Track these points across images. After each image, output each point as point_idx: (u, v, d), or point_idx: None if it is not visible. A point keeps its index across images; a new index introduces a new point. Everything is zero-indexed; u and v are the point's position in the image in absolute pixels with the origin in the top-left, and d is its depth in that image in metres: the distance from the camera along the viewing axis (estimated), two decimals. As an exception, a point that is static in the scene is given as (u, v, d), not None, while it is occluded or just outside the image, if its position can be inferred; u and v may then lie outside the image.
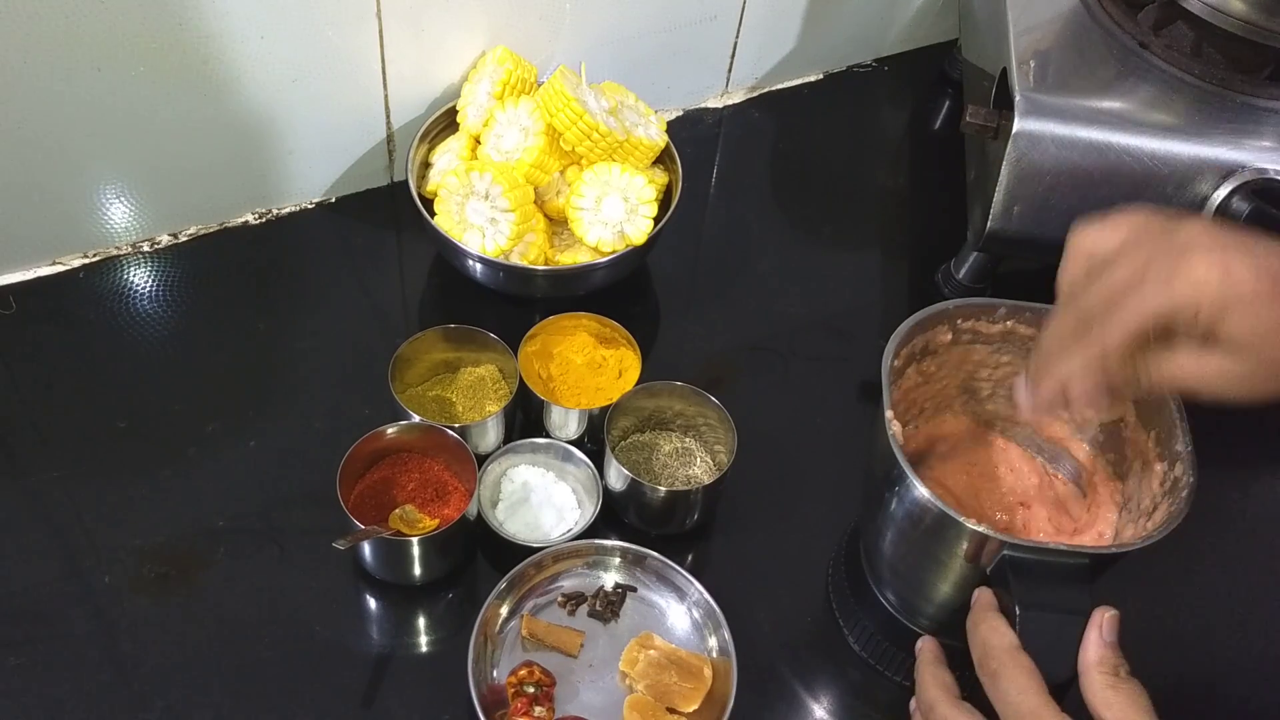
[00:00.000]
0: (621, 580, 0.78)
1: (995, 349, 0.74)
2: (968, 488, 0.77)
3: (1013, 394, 0.63)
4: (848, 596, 0.79)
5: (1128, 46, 0.87)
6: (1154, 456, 0.69)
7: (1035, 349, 0.61)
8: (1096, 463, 0.76)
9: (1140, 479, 0.70)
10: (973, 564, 0.63)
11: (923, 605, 0.71)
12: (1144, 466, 0.70)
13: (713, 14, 1.08)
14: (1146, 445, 0.70)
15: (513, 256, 0.89)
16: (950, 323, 0.72)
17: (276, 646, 0.74)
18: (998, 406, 0.78)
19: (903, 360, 0.71)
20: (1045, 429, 0.77)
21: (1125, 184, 0.81)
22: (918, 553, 0.68)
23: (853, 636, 0.78)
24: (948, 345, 0.73)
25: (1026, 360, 0.65)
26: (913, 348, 0.72)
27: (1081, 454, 0.76)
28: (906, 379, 0.73)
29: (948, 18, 1.23)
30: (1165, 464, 0.67)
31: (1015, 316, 0.72)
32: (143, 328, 0.90)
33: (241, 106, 0.89)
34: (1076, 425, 0.76)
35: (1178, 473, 0.65)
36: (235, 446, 0.84)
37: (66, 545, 0.78)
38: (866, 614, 0.77)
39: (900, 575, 0.72)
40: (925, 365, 0.74)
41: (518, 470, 0.83)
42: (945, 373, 0.76)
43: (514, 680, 0.72)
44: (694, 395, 0.83)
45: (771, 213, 1.08)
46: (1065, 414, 0.71)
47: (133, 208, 0.92)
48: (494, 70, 0.94)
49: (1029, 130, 0.80)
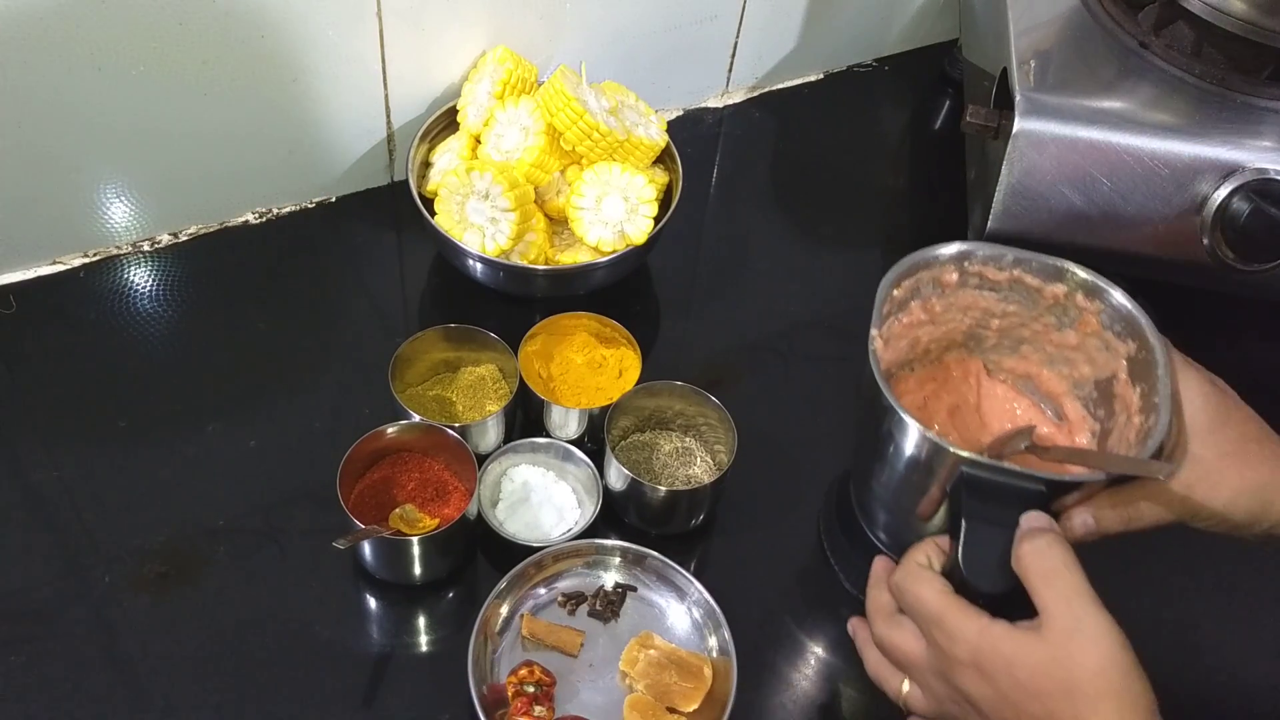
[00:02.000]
0: (621, 580, 0.78)
1: (1002, 296, 0.75)
2: (961, 429, 0.78)
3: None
4: (840, 539, 0.80)
5: (1128, 46, 0.87)
6: (1136, 409, 0.69)
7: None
8: (1085, 420, 0.77)
9: (1122, 432, 0.71)
10: (935, 482, 0.64)
11: (912, 539, 0.72)
12: (1127, 420, 0.71)
13: (713, 14, 1.08)
14: (1133, 399, 0.70)
15: (513, 256, 0.89)
16: (958, 264, 0.73)
17: (276, 646, 0.74)
18: (1001, 355, 0.79)
19: (905, 291, 0.72)
20: (1044, 383, 0.78)
21: (1125, 184, 0.81)
22: (900, 480, 0.69)
23: (847, 580, 0.80)
24: (955, 286, 0.74)
25: (1033, 312, 0.71)
26: (918, 281, 0.73)
27: (1073, 411, 0.77)
28: (910, 313, 0.74)
29: (948, 18, 1.23)
30: (1143, 416, 0.68)
31: (1022, 266, 0.73)
32: (143, 327, 0.90)
33: (241, 106, 0.89)
34: (1074, 382, 0.77)
35: (1151, 423, 0.66)
36: (235, 446, 0.84)
37: (66, 545, 0.78)
38: (860, 556, 0.77)
39: (889, 509, 0.74)
40: (931, 303, 0.75)
41: (518, 470, 0.83)
42: (952, 316, 0.76)
43: (514, 680, 0.72)
44: (694, 395, 0.83)
45: (771, 212, 1.08)
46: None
47: (133, 207, 0.92)
48: (494, 70, 0.94)
49: (1029, 130, 0.80)
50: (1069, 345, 0.75)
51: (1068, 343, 0.75)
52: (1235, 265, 0.82)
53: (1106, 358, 0.73)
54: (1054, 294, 0.73)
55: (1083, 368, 0.75)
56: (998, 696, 0.56)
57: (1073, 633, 0.55)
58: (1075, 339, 0.74)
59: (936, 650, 0.60)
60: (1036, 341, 0.77)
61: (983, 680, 0.57)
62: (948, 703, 0.60)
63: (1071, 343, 0.75)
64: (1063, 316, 0.74)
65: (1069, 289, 0.73)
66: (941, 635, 0.59)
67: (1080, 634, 0.54)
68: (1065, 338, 0.75)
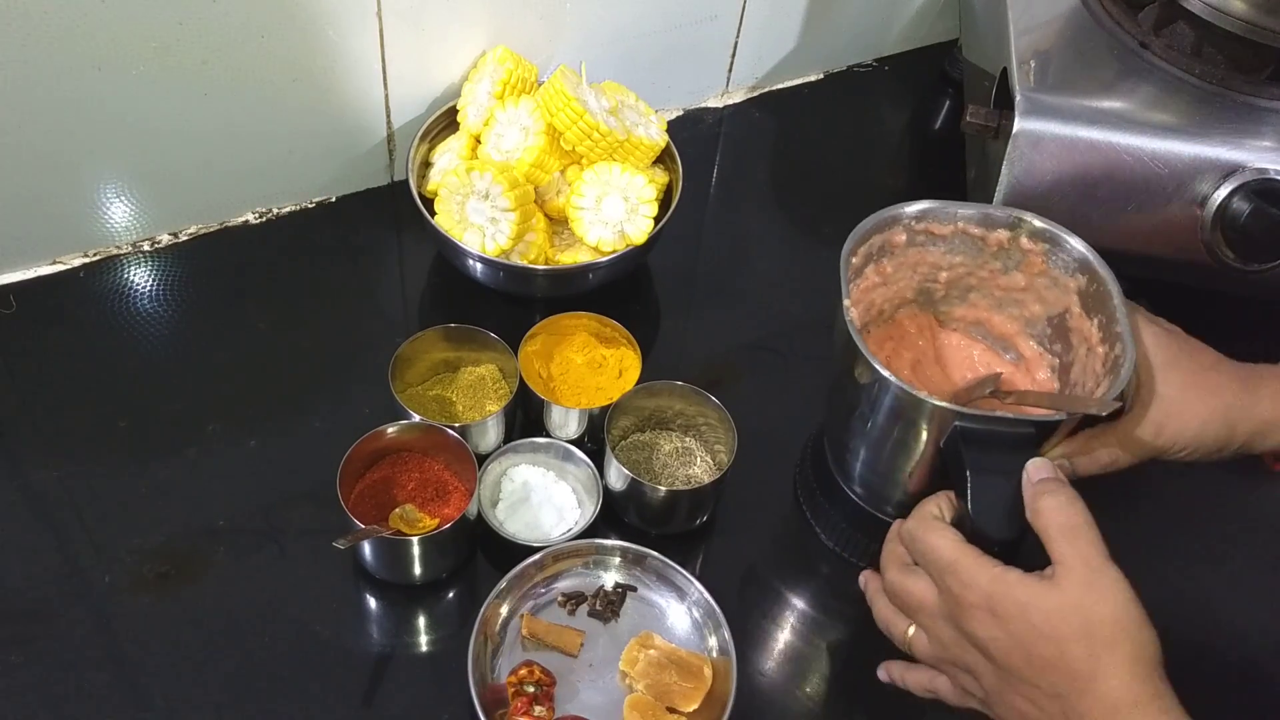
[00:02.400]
0: (621, 580, 0.78)
1: (948, 249, 0.77)
2: (925, 382, 0.80)
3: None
4: (816, 497, 0.82)
5: (1128, 46, 0.87)
6: (1097, 341, 0.72)
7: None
8: (1043, 357, 0.79)
9: (1085, 364, 0.74)
10: (928, 440, 0.67)
11: (890, 491, 0.75)
12: (1089, 352, 0.74)
13: (713, 14, 1.08)
14: (1091, 332, 0.73)
15: (513, 256, 0.89)
16: (905, 225, 0.76)
17: (276, 646, 0.74)
18: (951, 306, 0.81)
19: (860, 259, 0.75)
20: (996, 327, 0.81)
21: (1125, 184, 0.81)
22: (882, 438, 0.71)
23: (824, 533, 0.82)
24: (903, 246, 0.77)
25: (979, 260, 0.76)
26: (870, 247, 0.75)
27: (1029, 350, 0.80)
28: (865, 279, 0.77)
29: (948, 18, 1.23)
30: (1107, 346, 0.71)
31: (966, 218, 0.76)
32: (143, 327, 0.90)
33: (241, 106, 0.89)
34: (1025, 321, 0.79)
35: (1117, 352, 0.69)
36: (236, 446, 0.84)
37: (67, 545, 0.78)
38: (837, 511, 0.81)
39: (867, 465, 0.76)
40: (883, 266, 0.77)
41: (518, 470, 0.83)
42: (901, 275, 0.79)
43: (514, 680, 0.72)
44: (694, 395, 0.83)
45: (771, 213, 1.08)
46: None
47: (133, 207, 0.92)
48: (494, 70, 0.94)
49: (1029, 130, 0.80)
50: (1017, 287, 0.78)
51: (1015, 285, 0.78)
52: (1235, 265, 0.82)
53: (1056, 294, 0.76)
54: (997, 240, 0.76)
55: (1033, 307, 0.78)
56: (1009, 639, 0.58)
57: (1090, 583, 0.57)
58: (1023, 280, 0.77)
59: (948, 596, 0.61)
60: (984, 288, 0.79)
61: (995, 623, 0.58)
62: (953, 647, 0.62)
63: (1020, 284, 0.77)
64: (1007, 260, 0.77)
65: (1012, 233, 0.76)
66: (955, 581, 0.60)
67: (1097, 585, 0.57)
68: (1013, 280, 0.78)
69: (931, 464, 0.69)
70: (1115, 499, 0.66)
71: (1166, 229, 0.83)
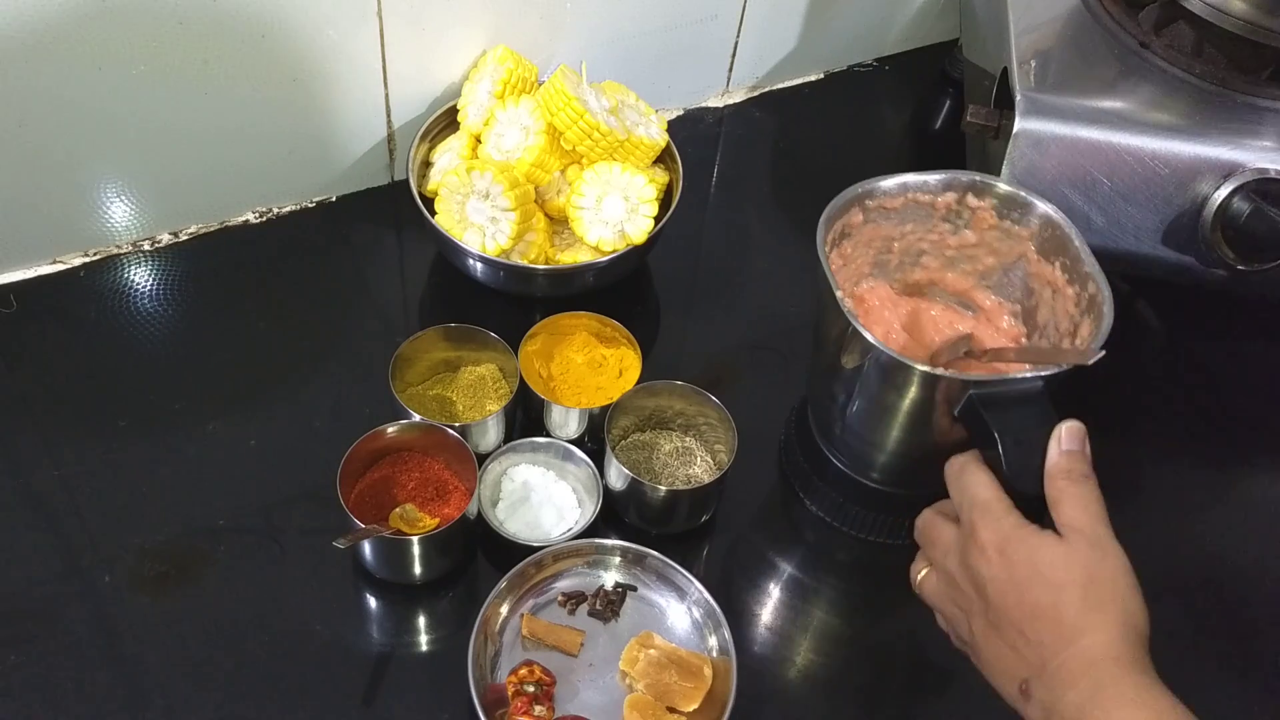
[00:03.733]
0: (621, 579, 0.78)
1: (898, 220, 0.80)
2: (900, 350, 0.81)
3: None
4: (801, 465, 0.85)
5: (1128, 46, 0.87)
6: (1063, 283, 0.75)
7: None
8: (1002, 306, 0.82)
9: (1052, 305, 0.76)
10: (944, 409, 0.69)
11: (876, 456, 0.78)
12: (1055, 294, 0.76)
13: (713, 13, 1.08)
14: (1054, 275, 0.76)
15: (513, 255, 0.89)
16: (860, 204, 0.78)
17: (276, 646, 0.74)
18: (905, 273, 0.83)
19: (830, 246, 0.76)
20: (950, 284, 0.83)
21: (1125, 184, 0.81)
22: (875, 409, 0.74)
23: (810, 501, 0.84)
24: (860, 225, 0.79)
25: (928, 225, 0.79)
26: (834, 233, 0.77)
27: (986, 301, 0.82)
28: (830, 262, 0.77)
29: (948, 17, 1.23)
30: (1076, 287, 0.73)
31: (914, 189, 0.78)
32: (143, 326, 0.90)
33: (242, 106, 0.89)
34: (979, 275, 0.82)
35: (1091, 290, 0.71)
36: (236, 445, 0.84)
37: (67, 544, 0.78)
38: (820, 478, 0.83)
39: (857, 434, 0.78)
40: (843, 248, 0.79)
41: (518, 469, 0.83)
42: (858, 253, 0.81)
43: (514, 679, 0.72)
44: (694, 395, 0.83)
45: (771, 213, 1.08)
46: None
47: (133, 206, 0.92)
48: (495, 69, 0.94)
49: (1030, 130, 0.80)
50: (969, 244, 0.81)
51: (967, 242, 0.80)
52: (1235, 265, 0.82)
53: (1009, 244, 0.78)
54: (945, 204, 0.78)
55: (986, 259, 0.80)
56: (1008, 581, 0.60)
57: (1095, 545, 0.59)
58: (974, 237, 0.79)
59: (966, 533, 0.63)
60: (935, 250, 0.81)
61: (1001, 563, 0.60)
62: (954, 586, 0.64)
63: (971, 241, 0.80)
64: (957, 220, 0.79)
65: (958, 194, 0.78)
66: (980, 518, 0.62)
67: (1102, 547, 0.59)
68: (964, 238, 0.80)
69: (918, 428, 0.72)
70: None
71: (1166, 229, 0.83)
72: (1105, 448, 0.61)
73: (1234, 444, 0.94)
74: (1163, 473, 0.92)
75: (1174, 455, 0.93)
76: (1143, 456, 0.92)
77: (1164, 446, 0.94)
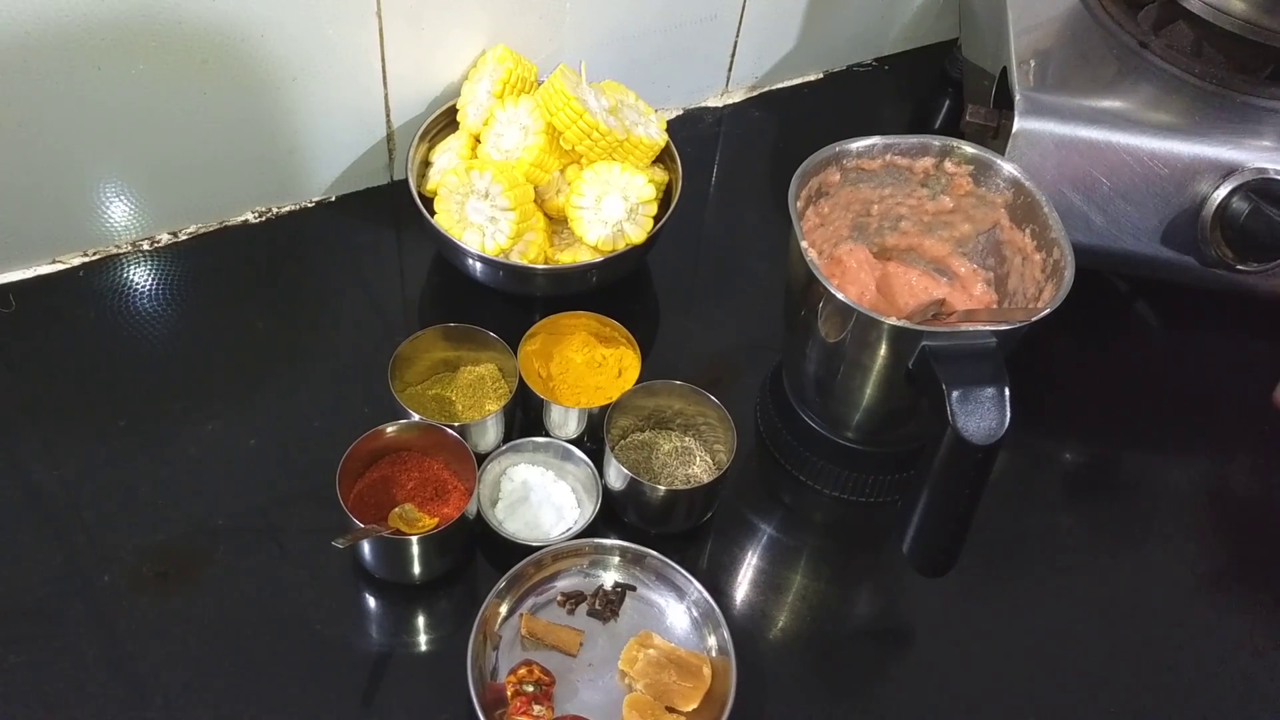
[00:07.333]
0: (621, 579, 0.78)
1: (877, 184, 0.81)
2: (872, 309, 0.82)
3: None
4: (776, 425, 0.86)
5: (1128, 46, 0.87)
6: (1033, 249, 0.77)
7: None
8: (977, 273, 0.83)
9: (1022, 272, 0.78)
10: (896, 361, 0.70)
11: (849, 414, 0.80)
12: (1024, 260, 0.78)
13: (713, 13, 1.08)
14: (1024, 241, 0.78)
15: (513, 255, 0.89)
16: (837, 163, 0.79)
17: (276, 646, 0.74)
18: (884, 237, 0.84)
19: (803, 202, 0.77)
20: (928, 250, 0.85)
21: (1125, 184, 0.81)
22: (844, 364, 0.75)
23: (786, 461, 0.86)
24: (838, 185, 0.80)
25: (906, 189, 0.80)
26: (809, 190, 0.78)
27: (962, 268, 0.83)
28: (806, 221, 0.79)
29: (948, 17, 1.23)
30: (1044, 253, 0.75)
31: (891, 150, 0.79)
32: (142, 326, 0.90)
33: (241, 105, 0.89)
34: (956, 242, 0.84)
35: (1056, 256, 0.74)
36: (235, 445, 0.84)
37: (66, 544, 0.78)
38: (795, 437, 0.85)
39: (828, 391, 0.80)
40: (820, 207, 0.80)
41: (517, 469, 0.83)
42: (837, 214, 0.82)
43: (513, 679, 0.72)
44: (694, 395, 0.83)
45: (771, 213, 1.08)
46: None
47: (132, 206, 0.92)
48: (494, 69, 0.94)
49: (1029, 129, 0.80)
50: (945, 210, 0.81)
51: (944, 208, 0.81)
52: (1234, 265, 0.82)
53: (984, 211, 0.79)
54: (923, 168, 0.79)
55: (962, 226, 0.81)
56: None
57: None
58: (951, 203, 0.81)
59: None
60: (914, 216, 0.82)
61: None
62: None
63: (948, 207, 0.81)
64: (935, 186, 0.81)
65: (936, 159, 0.79)
66: None
67: None
68: (941, 204, 0.81)
69: (887, 384, 0.74)
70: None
71: (1166, 229, 0.83)
72: (1105, 447, 0.61)
73: (1234, 443, 0.94)
74: (1163, 473, 0.92)
75: (1174, 455, 0.93)
76: (1142, 456, 0.92)
77: (1164, 446, 0.94)
